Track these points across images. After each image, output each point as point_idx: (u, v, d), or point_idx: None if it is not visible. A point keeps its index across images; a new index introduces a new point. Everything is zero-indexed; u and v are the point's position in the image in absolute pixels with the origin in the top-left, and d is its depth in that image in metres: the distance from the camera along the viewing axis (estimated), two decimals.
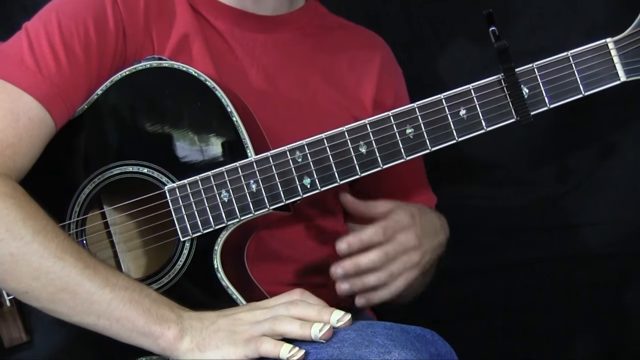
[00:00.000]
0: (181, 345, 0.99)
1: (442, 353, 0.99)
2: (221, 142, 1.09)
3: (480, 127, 1.06)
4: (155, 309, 1.00)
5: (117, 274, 1.02)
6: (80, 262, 1.00)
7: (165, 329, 0.99)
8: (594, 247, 1.42)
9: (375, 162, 1.07)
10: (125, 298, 1.00)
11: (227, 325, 0.98)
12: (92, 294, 0.99)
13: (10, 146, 1.05)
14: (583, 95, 1.05)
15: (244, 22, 1.20)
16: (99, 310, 1.00)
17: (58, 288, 1.00)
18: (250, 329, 0.97)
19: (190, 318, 1.00)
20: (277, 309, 0.99)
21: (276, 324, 0.97)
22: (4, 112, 1.05)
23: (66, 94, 1.08)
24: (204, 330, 0.99)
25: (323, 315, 0.97)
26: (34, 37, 1.09)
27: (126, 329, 1.00)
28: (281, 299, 1.01)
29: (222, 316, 1.00)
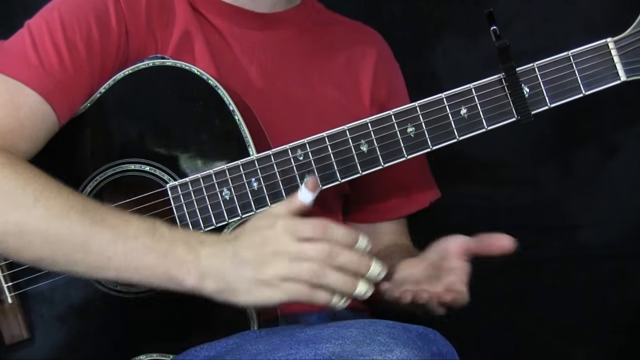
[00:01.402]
0: (206, 287, 0.97)
1: (444, 352, 0.99)
2: (223, 140, 1.09)
3: (481, 126, 1.07)
4: (171, 251, 0.97)
5: (127, 221, 0.99)
6: (87, 218, 0.99)
7: (185, 273, 0.97)
8: (594, 247, 1.42)
9: (377, 161, 1.07)
10: (138, 247, 0.98)
11: (253, 272, 0.95)
12: (105, 249, 0.98)
13: (11, 132, 1.05)
14: (583, 94, 1.06)
15: (243, 20, 1.21)
16: (117, 264, 0.98)
17: (71, 249, 0.99)
18: (280, 271, 0.94)
19: (208, 257, 0.97)
20: (307, 252, 0.94)
21: (313, 277, 0.93)
22: (5, 102, 1.06)
23: (69, 90, 1.09)
24: (227, 275, 0.96)
25: (362, 268, 0.94)
26: (36, 35, 1.09)
27: (148, 277, 0.99)
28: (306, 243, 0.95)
29: (244, 257, 0.95)
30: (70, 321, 1.12)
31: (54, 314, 1.12)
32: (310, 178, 0.98)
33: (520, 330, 1.47)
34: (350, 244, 0.94)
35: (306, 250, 0.93)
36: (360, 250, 0.95)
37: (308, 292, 0.94)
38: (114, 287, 1.10)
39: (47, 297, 1.12)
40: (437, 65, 1.45)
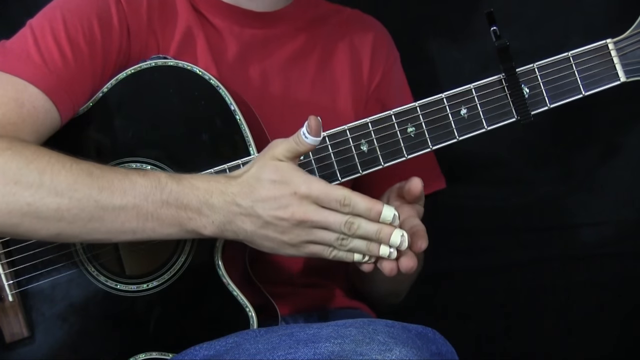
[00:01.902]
0: (227, 237, 1.01)
1: (443, 352, 0.99)
2: (224, 139, 1.09)
3: (481, 126, 1.07)
4: (183, 207, 0.99)
5: (134, 181, 1.00)
6: (94, 187, 1.00)
7: (202, 227, 1.00)
8: (594, 247, 1.42)
9: (377, 161, 1.07)
10: (149, 207, 1.00)
11: (277, 235, 0.98)
12: (117, 215, 1.00)
13: (12, 124, 1.05)
14: (583, 95, 1.06)
15: (242, 20, 1.21)
16: (133, 226, 1.00)
17: (85, 221, 1.00)
18: (304, 237, 0.98)
19: (224, 212, 0.99)
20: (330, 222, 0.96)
21: (335, 242, 0.97)
22: (8, 100, 1.06)
23: (71, 88, 1.09)
24: (249, 233, 0.99)
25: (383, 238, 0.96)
26: (39, 33, 1.09)
27: (166, 232, 1.01)
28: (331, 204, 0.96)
29: (267, 221, 0.97)
30: (70, 319, 1.12)
31: (55, 312, 1.12)
32: (311, 119, 0.97)
33: (520, 330, 1.47)
34: (373, 217, 0.96)
35: (328, 220, 0.96)
36: (383, 220, 0.96)
37: (330, 253, 0.99)
38: (114, 286, 1.10)
39: (48, 296, 1.12)
40: (437, 65, 1.45)
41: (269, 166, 0.99)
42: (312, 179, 0.97)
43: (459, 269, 1.49)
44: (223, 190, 0.99)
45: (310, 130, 0.97)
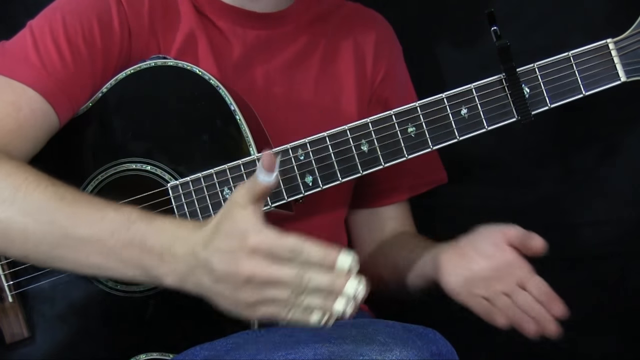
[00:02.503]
0: (187, 289, 0.93)
1: (443, 352, 0.99)
2: (224, 140, 1.09)
3: (481, 126, 1.07)
4: (147, 250, 0.93)
5: (103, 214, 0.96)
6: (62, 212, 0.96)
7: (164, 275, 0.93)
8: (594, 247, 1.42)
9: (377, 161, 1.07)
10: (114, 244, 0.94)
11: (230, 291, 0.89)
12: (82, 247, 0.96)
13: (9, 132, 1.05)
14: (584, 95, 1.06)
15: (246, 21, 1.21)
16: (97, 262, 0.96)
17: (50, 246, 0.97)
18: (255, 297, 0.88)
19: (184, 264, 0.92)
20: (280, 277, 0.87)
21: (287, 301, 0.88)
22: (5, 104, 1.06)
23: (70, 90, 1.09)
24: (206, 288, 0.91)
25: (336, 288, 0.87)
26: (38, 35, 1.09)
27: (130, 274, 0.96)
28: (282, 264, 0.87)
29: (219, 277, 0.89)
30: (70, 320, 1.12)
31: (55, 313, 1.12)
32: (264, 155, 0.89)
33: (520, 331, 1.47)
34: (327, 265, 0.87)
35: (278, 275, 0.87)
36: (339, 270, 0.87)
37: (284, 314, 0.89)
38: (114, 287, 1.10)
39: (48, 296, 1.12)
40: (438, 65, 1.45)
41: (229, 215, 0.90)
42: (264, 230, 0.88)
43: None
44: (187, 239, 0.92)
45: (264, 168, 0.89)
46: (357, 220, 1.36)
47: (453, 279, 1.10)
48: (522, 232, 1.08)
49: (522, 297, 1.06)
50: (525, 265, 1.07)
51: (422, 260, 1.18)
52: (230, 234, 0.89)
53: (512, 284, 1.07)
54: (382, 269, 1.29)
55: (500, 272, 1.07)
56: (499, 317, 1.06)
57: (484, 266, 1.08)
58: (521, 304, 1.06)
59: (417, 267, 1.19)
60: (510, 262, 1.07)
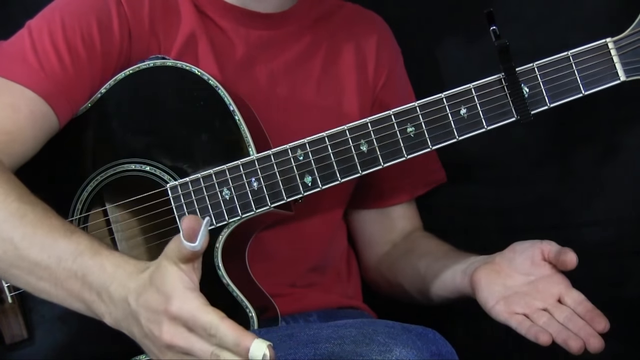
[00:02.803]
0: (122, 331, 0.93)
1: (443, 352, 0.99)
2: (223, 140, 1.09)
3: (480, 126, 1.06)
4: (87, 282, 0.92)
5: (55, 239, 0.95)
6: (19, 232, 0.95)
7: (103, 315, 0.94)
8: (594, 247, 1.42)
9: (376, 161, 1.07)
10: (59, 273, 0.94)
11: (155, 350, 0.90)
12: (32, 270, 0.95)
13: (7, 133, 1.05)
14: (583, 94, 1.06)
15: (249, 21, 1.21)
16: (45, 287, 0.96)
17: (7, 264, 0.97)
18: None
19: (117, 309, 0.91)
20: (194, 350, 0.85)
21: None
22: (4, 106, 1.06)
23: (69, 92, 1.09)
24: (137, 337, 0.92)
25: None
26: (36, 36, 1.09)
27: (75, 306, 0.96)
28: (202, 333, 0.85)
29: (145, 333, 0.89)
30: (70, 321, 1.12)
31: (54, 314, 1.12)
32: (184, 221, 0.85)
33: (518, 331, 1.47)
34: (240, 353, 0.83)
35: (194, 348, 0.85)
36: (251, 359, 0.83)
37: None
38: None
39: None
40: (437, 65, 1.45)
41: (161, 270, 0.88)
42: (188, 298, 0.85)
43: None
44: (124, 283, 0.91)
45: (184, 236, 0.85)
46: (366, 220, 1.36)
47: (491, 297, 1.08)
48: (557, 248, 1.07)
49: (563, 312, 1.05)
50: (564, 280, 1.07)
51: (450, 272, 1.17)
52: (158, 291, 0.87)
53: (550, 299, 1.06)
54: (401, 276, 1.30)
55: (538, 288, 1.07)
56: (542, 335, 1.04)
57: (522, 282, 1.08)
58: (562, 320, 1.05)
59: (445, 279, 1.19)
60: (548, 278, 1.07)
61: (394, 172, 1.16)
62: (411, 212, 1.36)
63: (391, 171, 1.09)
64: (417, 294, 1.27)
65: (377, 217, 1.35)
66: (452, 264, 1.18)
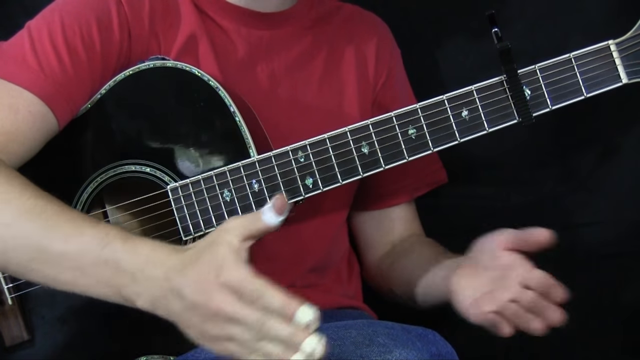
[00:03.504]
0: (158, 313, 0.92)
1: (443, 353, 0.99)
2: (224, 141, 1.09)
3: (482, 128, 1.06)
4: (120, 268, 0.92)
5: (81, 230, 0.94)
6: (40, 226, 0.95)
7: (135, 296, 0.92)
8: (594, 247, 1.42)
9: (378, 163, 1.07)
10: (87, 261, 0.93)
11: (197, 322, 0.89)
12: (56, 262, 0.94)
13: (6, 134, 1.04)
14: (585, 97, 1.06)
15: (250, 21, 1.20)
16: (68, 278, 0.95)
17: (26, 259, 0.96)
18: (219, 332, 0.88)
19: (155, 289, 0.91)
20: (243, 317, 0.86)
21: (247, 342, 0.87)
22: (3, 107, 1.06)
23: (69, 93, 1.08)
24: (176, 315, 0.90)
25: (295, 342, 0.85)
26: (36, 37, 1.09)
27: (102, 292, 0.94)
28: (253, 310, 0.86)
29: (188, 306, 0.89)
30: (70, 322, 1.11)
31: (55, 315, 1.12)
32: (278, 198, 0.90)
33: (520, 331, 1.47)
34: (286, 315, 0.85)
35: (241, 315, 0.86)
36: (298, 323, 0.85)
37: (245, 356, 0.88)
38: None
39: (48, 299, 1.12)
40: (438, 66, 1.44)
41: (211, 245, 0.89)
42: (239, 267, 0.87)
43: None
44: (162, 262, 0.91)
45: (274, 209, 0.90)
46: (365, 222, 1.36)
47: (464, 302, 1.07)
48: (515, 233, 1.05)
49: (527, 296, 1.03)
50: (524, 264, 1.04)
51: (434, 280, 1.17)
52: (208, 265, 0.88)
53: (516, 287, 1.03)
54: (394, 280, 1.30)
55: (503, 280, 1.04)
56: (504, 327, 1.03)
57: (488, 280, 1.05)
58: (527, 304, 1.03)
59: (430, 287, 1.18)
60: (510, 267, 1.04)
61: (394, 173, 1.14)
62: (411, 214, 1.36)
63: (392, 172, 1.09)
64: (408, 299, 1.26)
65: (376, 218, 1.35)
66: (436, 270, 1.17)
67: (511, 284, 1.03)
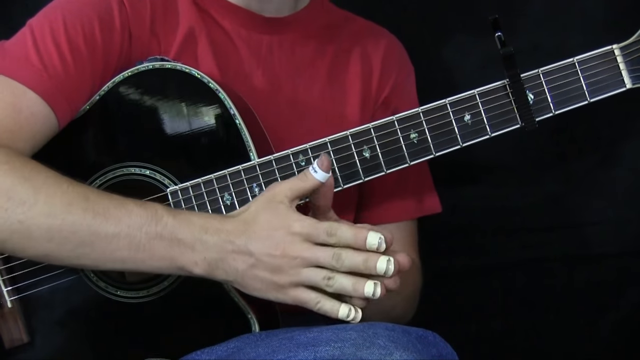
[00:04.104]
0: (216, 277, 0.99)
1: (444, 354, 0.99)
2: (224, 144, 1.08)
3: (484, 132, 1.06)
4: (176, 241, 0.98)
5: (130, 210, 0.99)
6: (89, 211, 0.99)
7: (193, 264, 0.99)
8: (594, 247, 1.42)
9: (379, 167, 1.06)
10: (142, 238, 0.98)
11: (267, 274, 0.97)
12: (109, 243, 0.98)
13: (8, 131, 1.04)
14: (588, 101, 1.05)
15: (251, 23, 1.19)
16: (123, 256, 0.99)
17: (75, 244, 0.99)
18: (293, 278, 0.97)
19: (216, 250, 0.98)
20: (318, 257, 0.96)
21: (322, 282, 0.96)
22: (6, 105, 1.05)
23: (70, 92, 1.08)
24: (240, 273, 0.98)
25: (369, 267, 0.96)
26: (38, 35, 1.08)
27: (155, 267, 1.00)
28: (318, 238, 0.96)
29: (259, 259, 0.97)
30: (70, 326, 1.11)
31: (54, 318, 1.11)
32: (323, 156, 1.00)
33: (521, 331, 1.48)
34: (359, 244, 0.96)
35: (317, 255, 0.96)
36: (369, 247, 0.96)
37: (317, 303, 0.98)
38: (114, 292, 1.10)
39: (47, 302, 1.11)
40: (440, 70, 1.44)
41: (266, 207, 0.99)
42: (304, 217, 0.98)
43: (459, 269, 1.49)
44: (219, 228, 0.98)
45: (321, 166, 0.99)
46: None
47: None
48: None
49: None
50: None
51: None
52: (272, 222, 0.97)
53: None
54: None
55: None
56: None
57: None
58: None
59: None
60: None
61: (387, 189, 1.18)
62: (404, 238, 1.29)
63: (385, 188, 1.12)
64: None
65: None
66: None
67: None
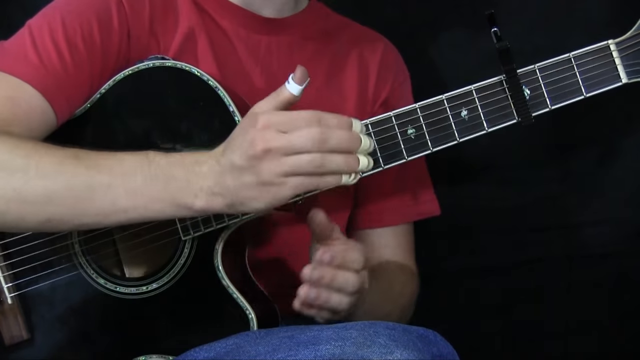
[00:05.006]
0: (216, 205, 0.97)
1: (444, 353, 0.99)
2: (223, 141, 1.08)
3: (481, 128, 1.06)
4: (172, 179, 0.97)
5: (121, 159, 0.99)
6: (81, 166, 0.98)
7: (192, 197, 0.97)
8: (594, 247, 1.42)
9: (377, 163, 1.06)
10: (138, 183, 0.97)
11: (254, 177, 0.94)
12: (106, 193, 0.97)
13: (4, 120, 1.04)
14: (584, 96, 1.05)
15: (250, 23, 1.20)
16: (123, 205, 0.98)
17: (74, 200, 0.98)
18: (278, 168, 0.93)
19: (208, 175, 0.96)
20: (293, 142, 0.92)
21: (313, 166, 0.93)
22: (4, 99, 1.05)
23: (68, 89, 1.08)
24: (231, 187, 0.95)
25: (355, 144, 0.94)
26: (37, 34, 1.09)
27: (157, 210, 0.98)
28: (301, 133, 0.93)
29: (241, 167, 0.94)
30: (70, 322, 1.12)
31: (54, 315, 1.12)
32: (299, 68, 0.96)
33: (521, 331, 1.48)
34: (343, 126, 0.94)
35: (295, 141, 0.92)
36: (355, 129, 0.95)
37: (314, 181, 0.94)
38: (114, 289, 1.10)
39: (47, 298, 1.12)
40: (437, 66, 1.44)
41: (241, 121, 0.98)
42: (273, 111, 0.96)
43: (459, 269, 1.49)
44: (207, 158, 0.98)
45: (295, 78, 0.96)
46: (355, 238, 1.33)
47: None
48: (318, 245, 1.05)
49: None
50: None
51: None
52: (243, 127, 0.96)
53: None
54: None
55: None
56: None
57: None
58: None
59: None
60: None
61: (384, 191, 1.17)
62: (398, 243, 1.30)
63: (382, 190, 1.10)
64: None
65: (361, 238, 1.29)
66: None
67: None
